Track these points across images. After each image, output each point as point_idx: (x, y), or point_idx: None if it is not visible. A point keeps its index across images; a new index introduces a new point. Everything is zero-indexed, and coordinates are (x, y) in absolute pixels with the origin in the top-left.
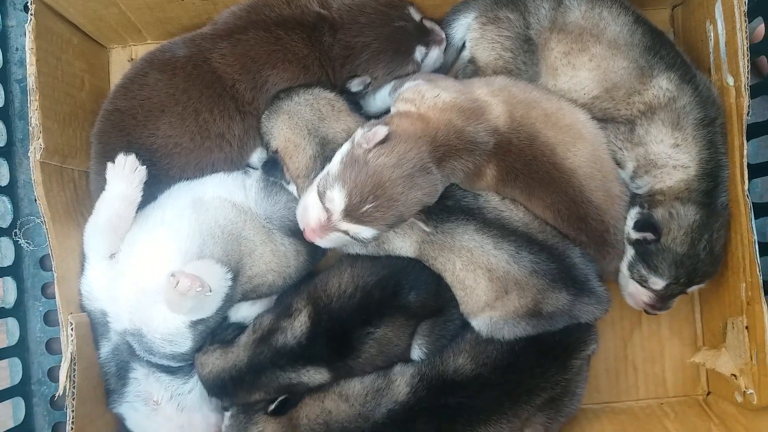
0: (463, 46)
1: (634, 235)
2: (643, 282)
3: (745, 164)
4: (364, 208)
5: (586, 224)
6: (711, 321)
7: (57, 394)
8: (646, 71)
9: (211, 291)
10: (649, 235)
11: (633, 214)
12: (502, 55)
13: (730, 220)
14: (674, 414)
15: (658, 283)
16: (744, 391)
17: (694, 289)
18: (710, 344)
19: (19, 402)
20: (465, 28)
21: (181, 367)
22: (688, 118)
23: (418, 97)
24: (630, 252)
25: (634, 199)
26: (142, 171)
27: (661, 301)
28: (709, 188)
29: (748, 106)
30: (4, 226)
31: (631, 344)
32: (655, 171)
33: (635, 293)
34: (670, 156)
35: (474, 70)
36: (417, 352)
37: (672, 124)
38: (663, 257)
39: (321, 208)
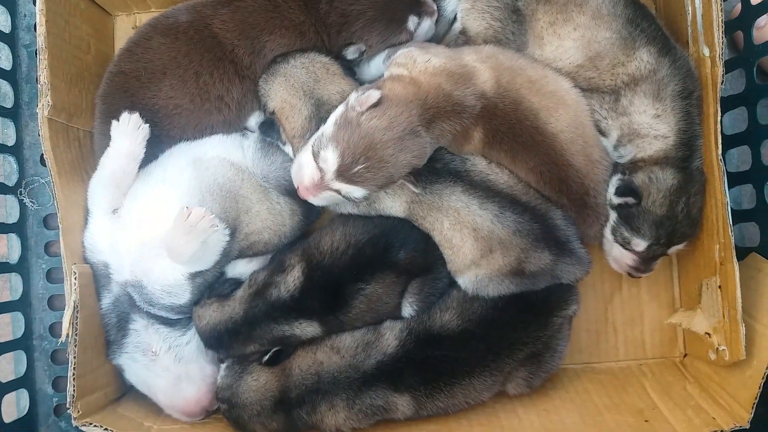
0: (455, 18)
1: (616, 200)
2: (626, 244)
3: (719, 131)
4: (356, 169)
5: (567, 186)
6: (687, 284)
7: (60, 340)
8: (629, 43)
9: (218, 226)
10: (630, 200)
11: (614, 181)
12: (492, 25)
13: (705, 184)
14: (652, 374)
15: (640, 245)
16: (717, 348)
17: (674, 250)
18: (687, 306)
19: (21, 356)
20: (456, 0)
21: (180, 319)
22: (667, 90)
23: (410, 62)
24: (613, 217)
25: (616, 167)
26: (145, 129)
27: (644, 263)
28: (686, 156)
29: (723, 75)
30: (10, 185)
31: (611, 307)
32: (638, 140)
33: (619, 257)
34: (652, 126)
35: (465, 40)
36: (408, 310)
37: (653, 96)
38: (644, 219)
39: (315, 167)
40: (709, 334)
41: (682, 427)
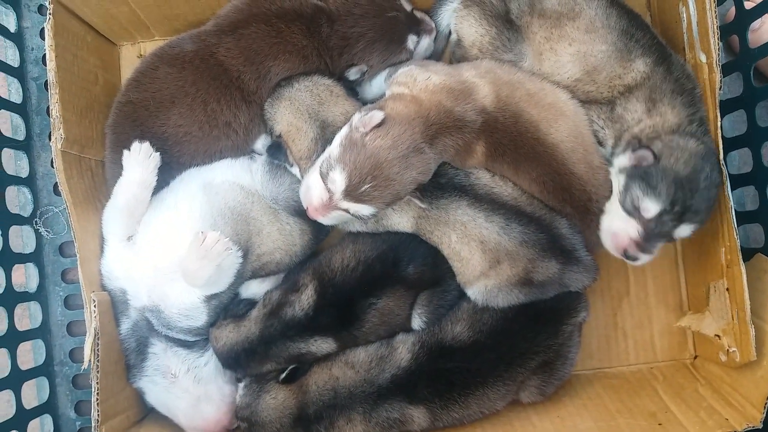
0: (450, 32)
1: (629, 161)
2: (634, 210)
3: (720, 135)
4: (363, 188)
5: (570, 195)
6: (695, 287)
7: (83, 367)
8: (625, 54)
9: (232, 249)
10: (647, 154)
11: (626, 154)
12: (488, 31)
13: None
14: (663, 377)
15: (652, 209)
16: (727, 350)
17: (682, 232)
18: (695, 309)
19: (43, 382)
20: (450, 12)
21: (197, 341)
22: (661, 90)
23: (411, 81)
24: (620, 182)
25: (620, 148)
26: (156, 157)
27: (647, 238)
28: (700, 131)
29: (720, 80)
30: (26, 216)
31: (620, 312)
32: (629, 132)
33: (620, 230)
34: (641, 118)
35: (462, 53)
36: (417, 322)
37: (645, 99)
38: (663, 176)
39: (323, 188)
40: (719, 336)
41: (696, 429)
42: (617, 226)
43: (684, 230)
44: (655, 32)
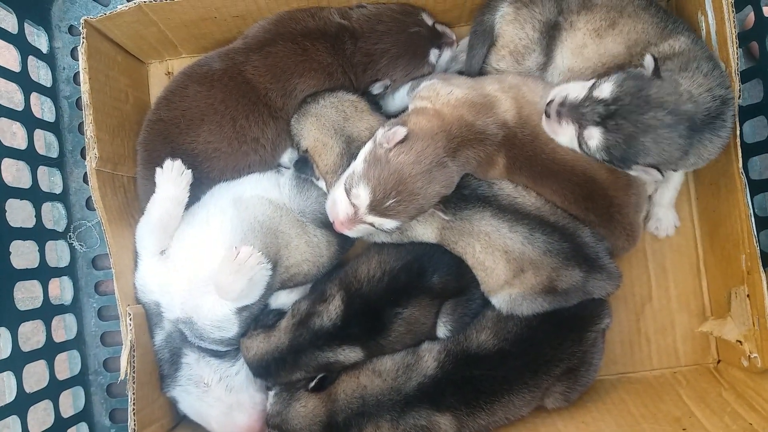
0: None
1: (645, 60)
2: (595, 86)
3: (739, 144)
4: (388, 203)
5: (592, 203)
6: (716, 292)
7: (119, 379)
8: (665, 30)
9: (264, 262)
10: (651, 63)
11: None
12: (528, 35)
13: (728, 196)
14: (686, 382)
15: (602, 90)
16: (749, 356)
17: (590, 135)
18: (717, 314)
19: (79, 391)
20: (499, 16)
21: (228, 351)
22: (697, 63)
23: (434, 95)
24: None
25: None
26: (188, 174)
27: (571, 107)
28: (713, 103)
29: (740, 90)
30: (60, 230)
31: (643, 318)
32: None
33: (564, 88)
34: None
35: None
36: (442, 330)
37: (680, 68)
38: (637, 80)
39: (348, 203)
40: (740, 342)
41: None
42: (573, 85)
43: (593, 134)
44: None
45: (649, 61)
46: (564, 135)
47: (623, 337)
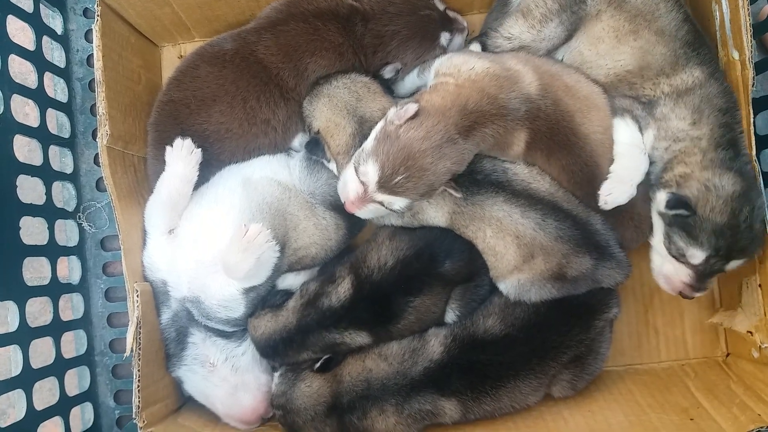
0: None
1: (670, 212)
2: (680, 257)
3: (752, 132)
4: (396, 180)
5: (593, 188)
6: (727, 284)
7: (125, 355)
8: (681, 61)
9: (271, 240)
10: (683, 212)
11: (663, 195)
12: (547, 4)
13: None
14: (695, 374)
15: (697, 256)
16: (760, 346)
17: (733, 266)
18: (727, 307)
19: (84, 371)
20: None
21: (235, 332)
22: (711, 104)
23: (455, 71)
24: (661, 228)
25: (661, 182)
26: (197, 153)
27: (699, 279)
28: (732, 156)
29: (753, 77)
30: (69, 210)
31: (651, 309)
32: (675, 145)
33: (672, 273)
34: (688, 132)
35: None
36: (450, 315)
37: (693, 108)
38: (702, 228)
39: (358, 181)
40: (751, 332)
41: (728, 425)
42: (668, 270)
43: (734, 264)
44: (713, 53)
45: (675, 206)
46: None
47: (631, 329)
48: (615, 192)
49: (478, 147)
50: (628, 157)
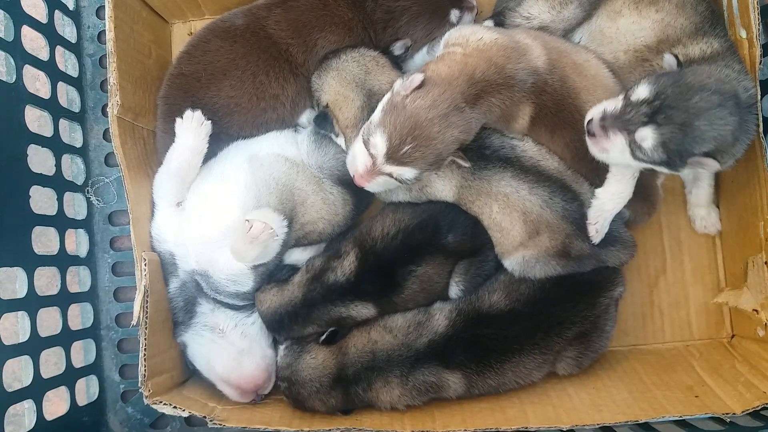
0: None
1: (665, 59)
2: (630, 93)
3: (759, 109)
4: (404, 150)
5: (596, 165)
6: (732, 264)
7: (131, 323)
8: (699, 33)
9: (278, 235)
10: (674, 60)
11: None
12: None
13: (747, 164)
14: (699, 354)
15: (638, 93)
16: (765, 324)
17: (643, 135)
18: (732, 286)
19: (90, 345)
20: None
21: (245, 305)
22: (727, 62)
23: (464, 41)
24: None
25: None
26: (207, 125)
27: (615, 117)
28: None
29: (761, 55)
30: (78, 184)
31: (656, 290)
32: None
33: (606, 104)
34: None
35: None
36: (454, 290)
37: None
38: (670, 75)
39: (366, 154)
40: (756, 310)
41: (733, 402)
42: (603, 102)
43: (646, 135)
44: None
45: (669, 58)
46: (614, 147)
47: (636, 309)
48: (600, 222)
49: (485, 117)
50: (619, 183)
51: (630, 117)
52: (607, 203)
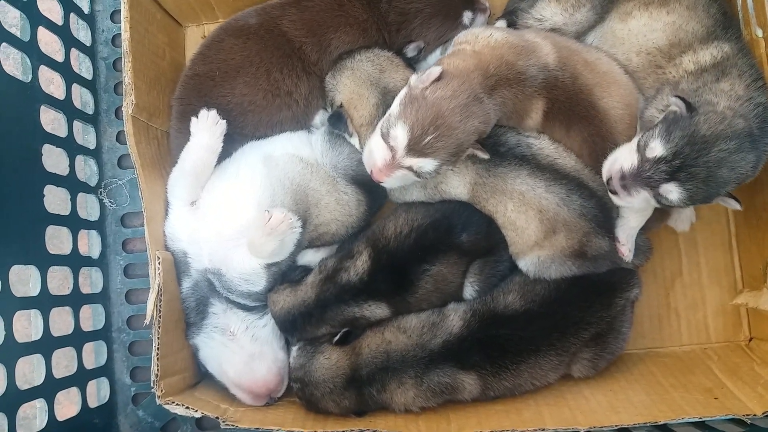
0: None
1: (672, 102)
2: (645, 145)
3: None
4: (426, 140)
5: None
6: (750, 266)
7: (144, 323)
8: (711, 36)
9: (296, 227)
10: (681, 104)
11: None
12: None
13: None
14: (717, 357)
15: (655, 150)
16: None
17: (667, 190)
18: (750, 288)
19: (101, 347)
20: None
21: (257, 306)
22: (738, 67)
23: (473, 38)
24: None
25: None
26: (222, 124)
27: (634, 176)
28: (752, 115)
29: None
30: (91, 185)
31: (673, 292)
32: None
33: (620, 158)
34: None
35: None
36: (469, 290)
37: (716, 78)
38: (684, 127)
39: (385, 147)
40: None
41: (754, 404)
42: (620, 154)
43: (670, 189)
44: (741, 33)
45: (677, 102)
46: (639, 200)
47: (652, 312)
48: (630, 241)
49: (500, 110)
50: (635, 218)
51: (650, 175)
52: (632, 221)
